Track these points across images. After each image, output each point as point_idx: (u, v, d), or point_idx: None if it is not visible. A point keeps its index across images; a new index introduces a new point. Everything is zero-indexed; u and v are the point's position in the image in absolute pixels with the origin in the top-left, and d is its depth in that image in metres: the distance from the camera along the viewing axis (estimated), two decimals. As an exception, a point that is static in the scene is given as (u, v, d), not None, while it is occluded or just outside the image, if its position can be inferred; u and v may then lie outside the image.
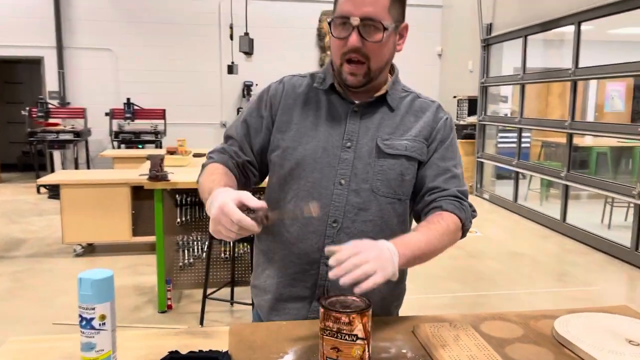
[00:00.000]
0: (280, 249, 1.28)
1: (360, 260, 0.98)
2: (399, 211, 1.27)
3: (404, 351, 1.07)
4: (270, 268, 1.31)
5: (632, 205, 5.59)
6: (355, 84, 1.22)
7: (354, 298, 1.03)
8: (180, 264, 3.57)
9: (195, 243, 3.60)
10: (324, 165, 1.23)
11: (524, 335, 1.14)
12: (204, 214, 3.59)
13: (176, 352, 1.04)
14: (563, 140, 6.87)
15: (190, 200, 3.55)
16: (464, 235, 1.26)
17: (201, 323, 3.27)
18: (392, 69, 1.32)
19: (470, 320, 1.21)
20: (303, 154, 1.24)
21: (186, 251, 3.58)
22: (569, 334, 1.10)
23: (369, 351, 0.98)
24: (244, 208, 1.02)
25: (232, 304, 3.53)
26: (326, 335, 0.98)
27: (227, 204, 1.00)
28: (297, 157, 1.24)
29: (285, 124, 1.28)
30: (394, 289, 1.33)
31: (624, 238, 4.82)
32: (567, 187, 5.65)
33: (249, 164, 1.31)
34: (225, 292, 3.54)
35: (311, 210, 1.05)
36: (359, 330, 0.96)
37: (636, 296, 4.08)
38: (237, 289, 3.58)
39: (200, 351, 1.05)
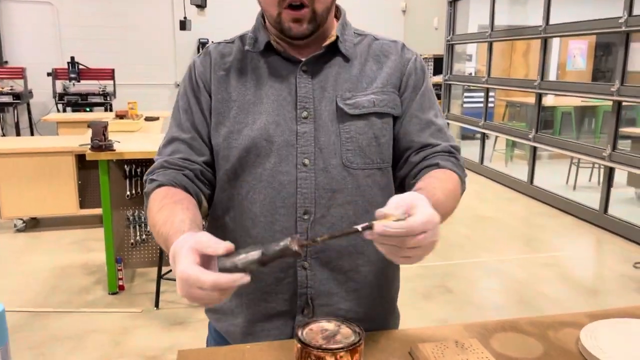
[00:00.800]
0: None
1: (416, 241, 0.73)
2: (381, 184, 1.03)
3: (402, 385, 0.84)
4: None
5: (597, 166, 5.56)
6: (301, 33, 0.96)
7: (339, 323, 0.79)
8: (132, 240, 3.26)
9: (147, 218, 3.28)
10: (280, 146, 0.98)
11: (546, 353, 0.93)
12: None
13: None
14: (527, 100, 6.77)
15: (141, 171, 3.21)
16: None
17: (156, 305, 3.01)
18: (337, 12, 1.07)
19: (477, 331, 0.99)
20: (251, 137, 0.98)
21: (138, 227, 3.27)
22: (602, 353, 0.89)
23: (361, 394, 0.75)
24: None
25: (190, 282, 3.27)
26: (305, 378, 0.74)
27: (187, 271, 0.70)
28: (245, 142, 0.98)
29: (223, 103, 1.01)
30: (391, 287, 1.13)
31: (591, 199, 4.76)
32: (534, 149, 5.55)
33: (207, 165, 1.03)
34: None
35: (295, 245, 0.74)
36: (348, 371, 0.73)
37: (606, 260, 4.03)
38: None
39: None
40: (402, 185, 1.08)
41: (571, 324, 1.03)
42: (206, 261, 0.72)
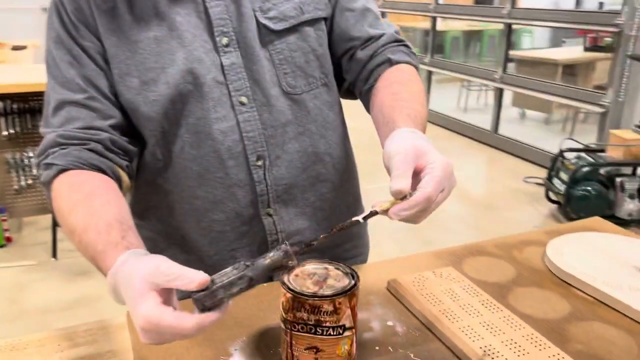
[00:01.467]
0: (194, 221, 0.87)
1: (436, 203, 0.65)
2: (330, 100, 0.92)
3: (389, 324, 0.78)
4: (186, 251, 0.90)
5: (484, 88, 5.84)
6: None
7: (325, 265, 0.70)
8: (16, 186, 2.89)
9: (32, 160, 2.92)
10: (210, 87, 0.80)
11: (519, 274, 0.91)
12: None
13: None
14: (419, 24, 6.86)
15: (19, 108, 2.80)
16: None
17: (54, 255, 2.74)
18: None
19: (446, 258, 0.96)
20: (172, 84, 0.79)
21: (21, 170, 2.90)
22: (574, 269, 0.89)
23: (356, 341, 0.68)
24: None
25: (90, 228, 3.00)
26: (297, 331, 0.65)
27: (156, 318, 0.55)
28: (165, 91, 0.79)
29: (120, 47, 0.79)
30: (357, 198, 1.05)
31: (481, 120, 5.01)
32: (430, 73, 5.67)
33: (117, 129, 0.81)
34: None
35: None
36: (346, 318, 0.64)
37: (499, 177, 4.30)
38: (94, 210, 3.04)
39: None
40: (350, 92, 0.98)
41: (532, 242, 1.02)
42: (165, 293, 0.58)
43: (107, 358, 0.69)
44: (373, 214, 0.65)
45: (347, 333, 0.65)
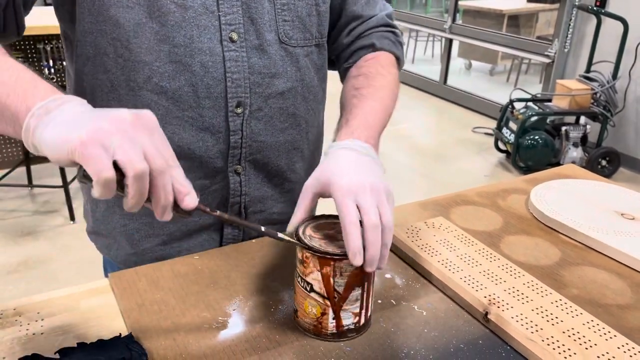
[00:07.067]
0: None
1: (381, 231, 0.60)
2: (317, 64, 0.87)
3: (387, 276, 0.76)
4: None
5: (431, 39, 5.85)
6: None
7: (336, 221, 0.65)
8: (-55, 143, 2.68)
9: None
10: (198, 12, 0.72)
11: (507, 222, 0.91)
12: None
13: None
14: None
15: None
16: None
17: (-6, 216, 2.57)
18: None
19: (433, 208, 0.95)
20: None
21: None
22: (559, 216, 0.90)
23: (337, 319, 0.63)
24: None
25: (31, 187, 2.83)
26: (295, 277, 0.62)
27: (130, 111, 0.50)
28: (146, 2, 0.71)
29: None
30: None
31: (429, 72, 5.03)
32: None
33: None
34: (19, 173, 2.80)
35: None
36: (315, 279, 0.62)
37: (446, 127, 4.36)
38: (35, 168, 2.86)
39: (98, 341, 0.60)
40: (332, 63, 0.96)
41: (513, 190, 1.03)
42: None
43: (95, 324, 0.64)
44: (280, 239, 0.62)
45: (315, 296, 0.61)
